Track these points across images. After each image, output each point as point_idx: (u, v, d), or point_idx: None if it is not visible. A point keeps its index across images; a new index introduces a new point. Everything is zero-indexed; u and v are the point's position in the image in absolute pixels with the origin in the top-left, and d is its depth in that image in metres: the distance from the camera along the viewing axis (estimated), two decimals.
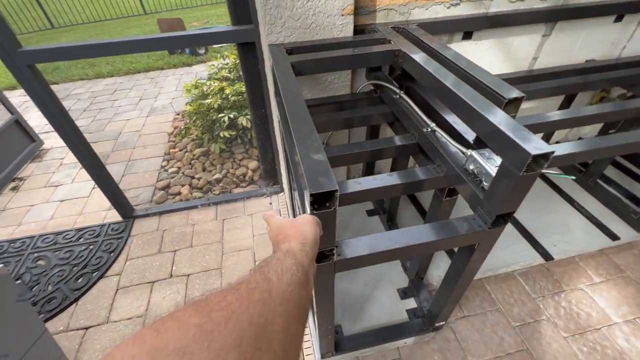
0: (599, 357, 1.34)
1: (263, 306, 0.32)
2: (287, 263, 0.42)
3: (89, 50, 1.42)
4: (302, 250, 0.48)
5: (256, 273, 0.37)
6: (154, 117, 3.48)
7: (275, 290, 0.35)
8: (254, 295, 0.33)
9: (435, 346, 1.40)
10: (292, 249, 0.47)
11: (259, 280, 0.35)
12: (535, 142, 0.67)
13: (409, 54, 1.10)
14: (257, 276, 0.36)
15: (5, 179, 2.54)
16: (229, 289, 0.33)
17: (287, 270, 0.40)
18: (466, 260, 0.96)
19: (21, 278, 1.79)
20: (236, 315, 0.29)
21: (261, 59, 1.56)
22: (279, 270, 0.39)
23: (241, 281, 0.35)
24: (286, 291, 0.36)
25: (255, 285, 0.34)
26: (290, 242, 0.50)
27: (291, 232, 0.54)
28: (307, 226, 0.55)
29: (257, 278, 0.36)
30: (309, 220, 0.57)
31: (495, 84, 0.89)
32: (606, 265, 1.66)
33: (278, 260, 0.42)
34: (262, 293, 0.33)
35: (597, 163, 1.90)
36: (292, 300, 0.36)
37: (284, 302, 0.34)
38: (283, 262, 0.42)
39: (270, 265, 0.40)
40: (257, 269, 0.39)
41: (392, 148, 1.16)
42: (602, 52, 1.83)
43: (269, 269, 0.39)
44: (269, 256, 0.45)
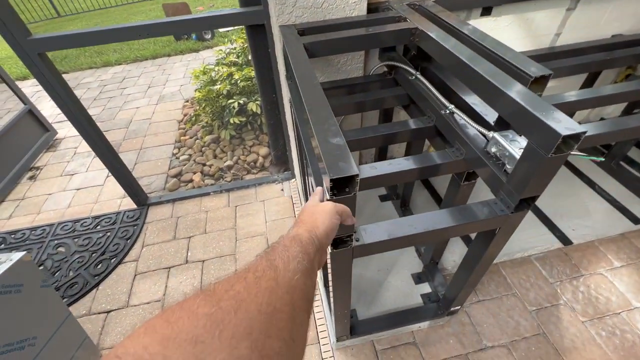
0: (617, 342, 1.32)
1: (271, 294, 0.31)
2: (293, 250, 0.41)
3: (98, 36, 1.40)
4: (310, 238, 0.47)
5: (262, 260, 0.37)
6: (163, 104, 3.47)
7: (282, 278, 0.35)
8: (261, 284, 0.32)
9: (450, 330, 1.40)
10: (299, 235, 0.46)
11: (266, 267, 0.35)
12: (565, 121, 0.63)
13: (427, 31, 1.05)
14: (264, 263, 0.36)
15: (22, 169, 2.60)
16: (236, 278, 0.33)
17: (293, 257, 0.39)
18: (485, 245, 0.94)
19: (43, 264, 1.85)
20: (245, 304, 0.29)
21: (271, 42, 1.52)
22: (285, 257, 0.39)
23: (248, 269, 0.35)
24: (292, 279, 0.36)
25: (262, 273, 0.34)
26: (299, 228, 0.49)
27: (304, 218, 0.53)
28: (321, 216, 0.53)
29: (263, 265, 0.35)
30: (325, 210, 0.55)
31: (520, 61, 0.85)
32: (627, 249, 1.61)
33: (284, 247, 0.41)
34: (269, 281, 0.33)
35: (620, 144, 1.82)
36: (298, 288, 0.35)
37: (290, 291, 0.34)
38: (289, 249, 0.41)
39: (276, 252, 0.39)
40: (264, 255, 0.39)
41: (407, 131, 1.12)
42: (630, 25, 1.72)
43: (275, 255, 0.38)
44: (275, 241, 0.44)
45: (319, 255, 0.48)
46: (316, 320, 1.49)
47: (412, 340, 1.38)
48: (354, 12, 1.23)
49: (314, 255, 0.45)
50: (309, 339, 1.42)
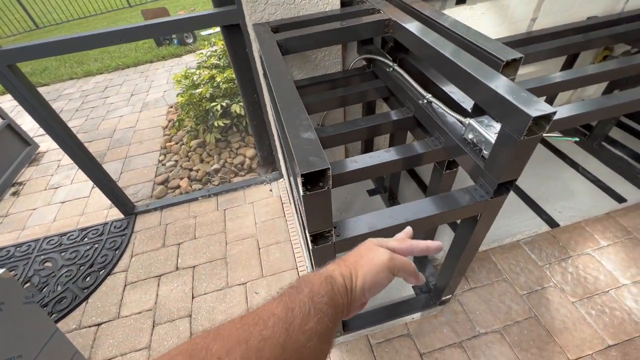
0: (607, 319, 1.34)
1: None
2: (318, 299, 0.34)
3: (69, 44, 1.37)
4: (343, 285, 0.38)
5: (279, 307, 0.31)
6: (147, 111, 3.42)
7: (293, 342, 0.29)
8: (264, 353, 0.28)
9: (444, 319, 1.41)
10: (332, 278, 0.38)
11: (277, 323, 0.30)
12: (535, 103, 0.63)
13: (400, 22, 1.04)
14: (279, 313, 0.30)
15: (4, 185, 2.54)
16: (236, 337, 0.28)
17: (315, 311, 0.32)
18: (469, 232, 0.95)
19: (30, 281, 1.81)
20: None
21: (248, 41, 1.51)
22: (305, 309, 0.32)
23: (257, 319, 0.30)
24: (305, 346, 0.30)
25: (271, 332, 0.29)
26: (336, 268, 0.40)
27: (349, 258, 0.43)
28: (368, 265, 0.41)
29: (276, 319, 0.30)
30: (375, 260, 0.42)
31: (491, 46, 0.85)
32: (613, 228, 1.64)
33: (309, 293, 0.34)
34: (274, 348, 0.28)
35: (602, 124, 1.84)
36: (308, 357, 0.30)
37: None
38: (314, 296, 0.34)
39: (298, 297, 0.33)
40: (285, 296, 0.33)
41: (388, 123, 1.12)
42: (604, 7, 1.74)
43: (295, 303, 0.32)
44: (304, 277, 0.37)
45: (347, 310, 0.39)
46: None
47: (406, 332, 1.38)
48: (327, 6, 1.22)
49: (341, 309, 0.37)
50: None
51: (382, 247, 0.44)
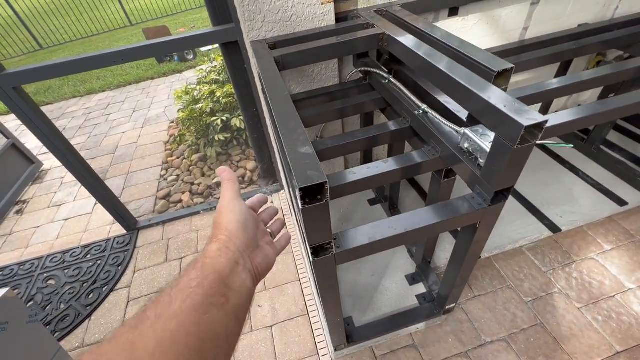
0: (614, 325, 1.33)
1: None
2: (184, 280, 0.32)
3: (72, 66, 1.41)
4: (218, 249, 0.36)
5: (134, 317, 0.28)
6: (149, 127, 3.47)
7: (145, 338, 0.26)
8: None
9: (449, 328, 1.39)
10: (205, 252, 0.36)
11: (123, 332, 0.26)
12: (527, 112, 0.65)
13: (394, 36, 1.07)
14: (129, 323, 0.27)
15: (8, 203, 2.56)
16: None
17: (179, 292, 0.30)
18: (469, 239, 0.95)
19: (33, 299, 1.80)
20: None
21: (246, 58, 1.54)
22: (165, 299, 0.29)
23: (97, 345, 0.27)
24: (166, 330, 0.27)
25: (108, 347, 0.25)
26: (209, 242, 0.39)
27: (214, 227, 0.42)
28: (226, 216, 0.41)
29: (121, 330, 0.27)
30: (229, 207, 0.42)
31: (483, 57, 0.87)
32: (616, 231, 1.63)
33: (176, 281, 0.32)
34: (117, 354, 0.25)
35: (599, 129, 1.86)
36: (176, 342, 0.26)
37: (158, 356, 0.25)
38: (180, 281, 0.32)
39: (158, 297, 0.30)
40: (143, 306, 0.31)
41: (386, 134, 1.14)
42: (594, 15, 1.78)
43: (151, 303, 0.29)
44: None
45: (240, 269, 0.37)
46: (314, 331, 1.47)
47: (411, 343, 1.37)
48: (322, 22, 1.26)
49: (230, 270, 0.35)
50: (307, 351, 1.41)
51: None
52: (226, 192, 0.44)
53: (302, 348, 1.42)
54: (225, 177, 0.47)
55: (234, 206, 0.42)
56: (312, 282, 1.59)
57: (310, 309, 1.55)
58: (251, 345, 1.46)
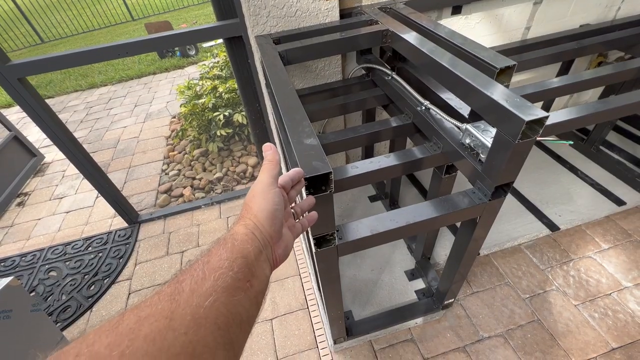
0: (610, 322, 1.34)
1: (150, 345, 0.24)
2: (216, 258, 0.32)
3: (77, 58, 1.41)
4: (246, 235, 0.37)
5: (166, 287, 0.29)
6: (151, 122, 3.48)
7: (182, 310, 0.27)
8: (141, 330, 0.24)
9: (447, 324, 1.41)
10: (234, 233, 0.37)
11: (160, 299, 0.27)
12: (528, 108, 0.66)
13: (398, 33, 1.08)
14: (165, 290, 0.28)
15: (10, 196, 2.57)
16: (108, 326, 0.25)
17: (212, 271, 0.31)
18: (469, 234, 0.96)
19: (35, 290, 1.82)
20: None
21: (250, 53, 1.55)
22: (199, 274, 0.30)
23: (138, 304, 0.27)
24: (201, 307, 0.27)
25: (151, 310, 0.26)
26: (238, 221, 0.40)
27: (246, 201, 0.42)
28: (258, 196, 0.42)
29: (160, 297, 0.27)
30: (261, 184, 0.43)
31: (485, 55, 0.88)
32: (613, 231, 1.65)
33: (206, 255, 0.33)
34: (157, 321, 0.25)
35: (598, 129, 1.87)
36: (208, 319, 0.27)
37: (192, 327, 0.26)
38: (210, 258, 0.32)
39: (190, 269, 0.31)
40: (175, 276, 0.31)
41: (388, 130, 1.15)
42: (596, 15, 1.79)
43: (185, 274, 0.30)
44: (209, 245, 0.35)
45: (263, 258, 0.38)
46: (313, 325, 1.48)
47: (409, 337, 1.38)
48: (327, 18, 1.26)
49: (254, 257, 0.36)
50: (307, 344, 1.42)
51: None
52: (264, 176, 0.43)
53: (302, 341, 1.44)
54: (268, 157, 0.45)
55: (267, 193, 0.42)
56: (313, 277, 1.60)
57: (310, 303, 1.57)
58: (251, 337, 1.47)
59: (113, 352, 0.23)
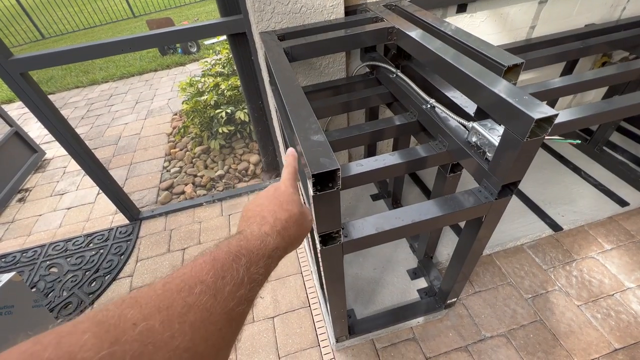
0: (613, 323, 1.34)
1: (195, 333, 0.25)
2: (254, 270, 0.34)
3: (80, 53, 1.41)
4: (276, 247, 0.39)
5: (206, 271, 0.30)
6: (152, 119, 3.47)
7: (221, 307, 0.28)
8: (188, 316, 0.26)
9: (449, 323, 1.41)
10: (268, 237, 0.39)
11: (204, 289, 0.28)
12: (537, 106, 0.65)
13: (403, 30, 1.07)
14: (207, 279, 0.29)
15: (11, 191, 2.56)
16: (156, 303, 0.26)
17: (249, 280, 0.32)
18: (474, 234, 0.96)
19: (36, 286, 1.81)
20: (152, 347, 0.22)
21: (254, 49, 1.54)
22: (237, 275, 0.31)
23: (181, 285, 0.28)
24: (233, 311, 0.29)
25: (197, 298, 0.27)
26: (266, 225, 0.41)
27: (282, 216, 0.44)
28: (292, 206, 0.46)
29: (202, 288, 0.28)
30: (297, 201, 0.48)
31: (493, 52, 0.87)
32: (616, 231, 1.64)
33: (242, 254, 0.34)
34: (199, 313, 0.26)
35: (602, 129, 1.86)
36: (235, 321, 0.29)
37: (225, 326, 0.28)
38: (250, 261, 0.34)
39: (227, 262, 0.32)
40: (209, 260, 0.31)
41: (392, 128, 1.14)
42: (601, 15, 1.78)
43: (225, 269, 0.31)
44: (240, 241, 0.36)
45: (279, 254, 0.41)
46: (315, 323, 1.48)
47: (411, 336, 1.38)
48: (332, 15, 1.26)
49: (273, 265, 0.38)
50: (308, 342, 1.42)
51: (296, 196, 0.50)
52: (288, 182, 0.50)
53: (304, 339, 1.43)
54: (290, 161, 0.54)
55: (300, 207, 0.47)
56: (314, 275, 1.60)
57: (312, 301, 1.56)
58: (253, 335, 1.47)
59: (165, 332, 0.24)
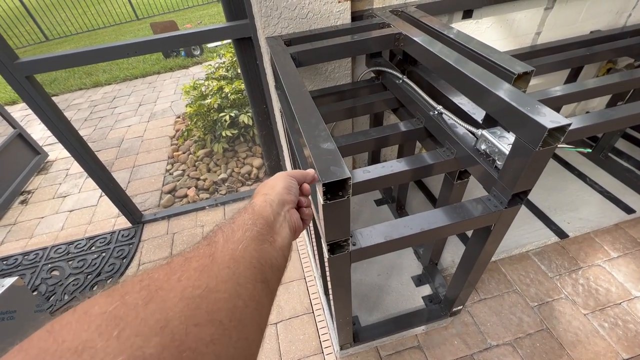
0: (620, 332, 1.32)
1: (201, 274, 0.27)
2: (240, 219, 0.37)
3: (86, 56, 1.41)
4: (264, 201, 0.42)
5: (201, 241, 0.33)
6: (155, 121, 3.47)
7: (221, 252, 0.31)
8: (190, 264, 0.28)
9: (454, 331, 1.39)
10: (253, 203, 0.43)
11: (201, 246, 0.31)
12: (550, 115, 0.65)
13: (411, 36, 1.07)
14: (200, 243, 0.32)
15: (13, 193, 2.56)
16: (158, 266, 0.28)
17: (239, 227, 0.35)
18: (482, 242, 0.95)
19: (37, 289, 1.80)
20: (162, 292, 0.24)
21: (259, 54, 1.54)
22: (228, 230, 0.34)
23: (178, 253, 0.31)
24: (236, 250, 0.32)
25: (195, 253, 0.30)
26: (253, 198, 0.45)
27: (260, 189, 0.48)
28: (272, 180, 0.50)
29: (198, 245, 0.32)
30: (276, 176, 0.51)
31: (503, 60, 0.87)
32: (623, 239, 1.63)
33: (230, 220, 0.37)
34: (201, 259, 0.29)
35: (608, 136, 1.86)
36: (244, 259, 0.31)
37: (232, 264, 0.30)
38: (235, 220, 0.37)
39: (220, 229, 0.35)
40: (205, 236, 0.34)
41: (398, 134, 1.14)
42: (607, 22, 1.78)
43: (216, 232, 0.34)
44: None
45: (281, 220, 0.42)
46: (319, 330, 1.47)
47: (416, 344, 1.36)
48: (338, 20, 1.25)
49: (273, 217, 0.41)
50: (312, 349, 1.40)
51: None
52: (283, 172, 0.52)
53: (307, 346, 1.42)
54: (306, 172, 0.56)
55: (282, 176, 0.50)
56: (318, 281, 1.59)
57: (315, 308, 1.55)
58: None
59: (170, 278, 0.26)
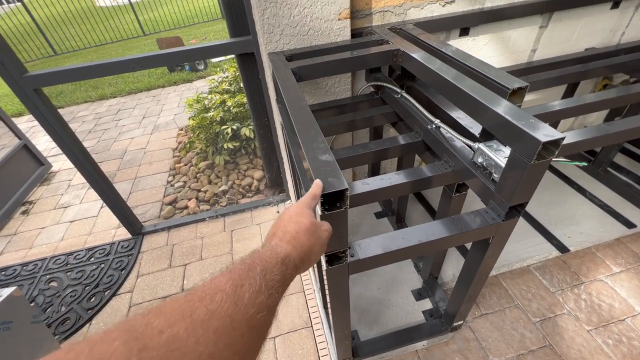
0: (625, 350, 1.30)
1: (219, 338, 0.27)
2: (271, 275, 0.35)
3: (93, 70, 1.45)
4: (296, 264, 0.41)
5: (226, 282, 0.31)
6: (158, 133, 3.52)
7: (242, 314, 0.29)
8: (211, 323, 0.27)
9: (455, 347, 1.37)
10: (289, 256, 0.40)
11: (225, 298, 0.29)
12: (544, 129, 0.66)
13: (409, 52, 1.10)
14: (226, 289, 0.30)
15: (15, 204, 2.57)
16: (180, 311, 0.27)
17: (267, 286, 0.33)
18: (481, 255, 0.95)
19: (35, 300, 1.79)
20: (178, 354, 0.24)
21: (261, 69, 1.58)
22: (256, 284, 0.33)
23: (203, 294, 0.29)
24: (254, 317, 0.30)
25: (218, 305, 0.28)
26: (288, 245, 0.43)
27: (290, 228, 0.46)
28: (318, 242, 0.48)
29: (224, 294, 0.30)
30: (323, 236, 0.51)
31: (498, 75, 0.89)
32: (624, 254, 1.62)
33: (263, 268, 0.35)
34: (222, 319, 0.28)
35: (606, 151, 1.87)
36: (257, 329, 0.30)
37: (247, 333, 0.29)
38: (267, 272, 0.35)
39: (249, 273, 0.33)
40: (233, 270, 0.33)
41: (397, 147, 1.15)
42: (601, 39, 1.82)
43: (245, 279, 0.32)
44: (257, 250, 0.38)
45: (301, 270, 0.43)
46: (317, 345, 1.44)
47: None
48: (338, 37, 1.29)
49: (290, 281, 0.40)
50: None
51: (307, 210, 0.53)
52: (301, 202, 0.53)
53: None
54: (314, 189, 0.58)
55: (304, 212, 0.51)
56: (317, 294, 1.57)
57: (315, 321, 1.53)
58: None
59: (190, 338, 0.26)
